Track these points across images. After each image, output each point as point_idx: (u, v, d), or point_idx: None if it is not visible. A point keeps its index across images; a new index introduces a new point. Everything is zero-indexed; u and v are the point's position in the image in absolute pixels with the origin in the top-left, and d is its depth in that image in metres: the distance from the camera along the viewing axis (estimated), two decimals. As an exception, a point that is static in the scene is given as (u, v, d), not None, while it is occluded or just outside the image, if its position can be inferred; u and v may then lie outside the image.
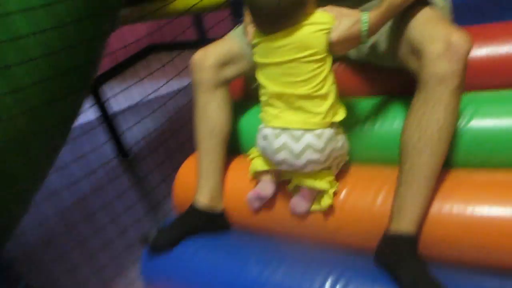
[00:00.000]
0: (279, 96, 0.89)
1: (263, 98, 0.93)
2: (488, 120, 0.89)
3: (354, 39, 0.84)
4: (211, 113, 1.03)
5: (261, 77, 0.92)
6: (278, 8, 0.80)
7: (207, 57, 1.01)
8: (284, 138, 0.88)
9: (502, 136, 0.87)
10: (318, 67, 0.85)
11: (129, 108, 2.26)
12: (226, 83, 1.04)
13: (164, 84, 1.80)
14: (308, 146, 0.87)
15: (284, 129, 0.88)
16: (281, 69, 0.87)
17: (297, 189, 0.96)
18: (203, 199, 1.04)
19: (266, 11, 0.81)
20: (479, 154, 0.90)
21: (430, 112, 0.78)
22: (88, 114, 1.60)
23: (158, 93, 1.96)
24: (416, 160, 0.80)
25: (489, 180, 0.86)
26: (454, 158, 0.90)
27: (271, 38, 0.85)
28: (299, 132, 0.87)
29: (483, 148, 0.89)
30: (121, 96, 1.78)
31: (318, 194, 0.94)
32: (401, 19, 0.86)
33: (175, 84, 1.95)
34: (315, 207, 0.94)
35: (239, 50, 1.02)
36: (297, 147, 0.87)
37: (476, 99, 0.93)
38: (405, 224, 0.80)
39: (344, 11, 0.85)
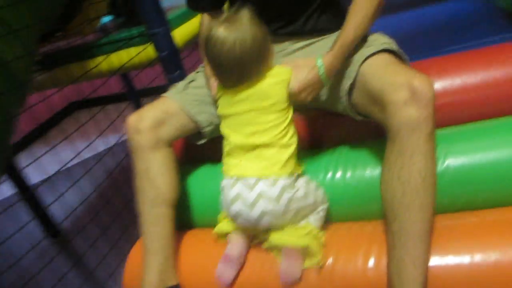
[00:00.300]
0: (241, 146, 0.86)
1: (225, 149, 0.90)
2: (463, 159, 0.84)
3: (315, 85, 0.85)
4: (153, 179, 0.93)
5: (224, 128, 0.91)
6: (240, 64, 0.81)
7: (142, 119, 0.94)
8: (238, 188, 0.84)
9: (482, 173, 0.82)
10: (280, 117, 0.85)
11: (54, 176, 1.96)
12: (167, 144, 0.96)
13: (87, 146, 1.57)
14: (260, 195, 0.82)
15: (239, 177, 0.84)
16: (243, 119, 0.86)
17: (278, 252, 0.86)
18: (152, 278, 0.90)
19: (229, 67, 0.82)
20: (460, 196, 0.84)
21: (409, 164, 0.73)
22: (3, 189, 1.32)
23: (88, 153, 1.72)
24: (406, 218, 0.73)
25: (481, 222, 0.79)
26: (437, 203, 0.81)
27: (233, 90, 0.86)
28: (253, 180, 0.83)
29: (464, 188, 0.83)
30: (42, 163, 1.51)
31: (304, 252, 0.84)
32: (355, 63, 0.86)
33: (111, 139, 1.73)
34: (306, 264, 0.84)
35: (177, 108, 0.97)
36: (251, 195, 0.82)
37: (444, 137, 0.88)
38: None
39: (299, 61, 0.88)
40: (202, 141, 1.02)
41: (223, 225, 0.92)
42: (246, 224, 0.86)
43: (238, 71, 0.82)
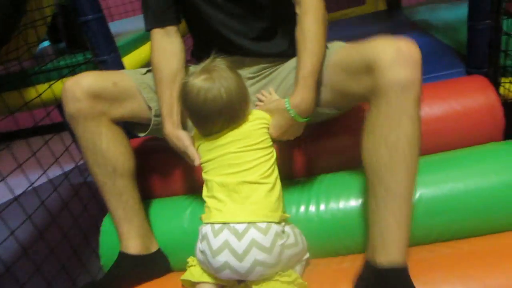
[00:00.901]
0: (224, 188, 0.80)
1: (206, 194, 0.84)
2: (435, 189, 0.85)
3: (292, 127, 0.84)
4: (105, 151, 0.89)
5: (205, 174, 0.85)
6: (226, 110, 0.79)
7: (83, 84, 0.87)
8: (225, 235, 0.75)
9: (453, 203, 0.83)
10: (266, 154, 0.82)
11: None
12: (113, 121, 0.91)
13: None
14: (253, 243, 0.74)
15: (225, 223, 0.76)
16: (226, 160, 0.81)
17: None
18: (133, 242, 0.92)
19: (215, 114, 0.79)
20: (434, 226, 0.84)
21: (397, 127, 0.71)
22: None
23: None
24: (391, 181, 0.72)
25: (457, 253, 0.79)
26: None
27: (214, 137, 0.83)
28: (242, 226, 0.75)
29: (438, 219, 0.84)
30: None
31: None
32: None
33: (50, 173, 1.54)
34: None
35: (132, 88, 0.93)
36: (241, 245, 0.74)
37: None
38: (394, 255, 0.72)
39: (271, 105, 0.86)
40: (144, 134, 0.97)
41: (194, 274, 0.83)
42: (233, 276, 0.76)
43: (224, 117, 0.80)
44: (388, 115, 0.72)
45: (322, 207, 0.89)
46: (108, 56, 1.27)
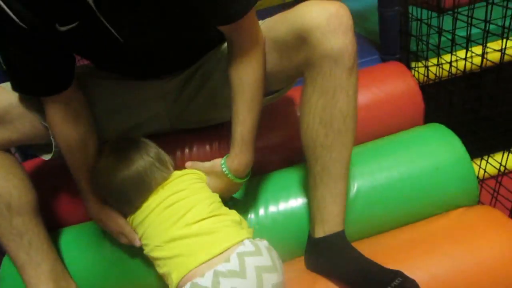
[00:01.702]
0: (180, 241, 0.69)
1: (156, 254, 0.71)
2: (371, 180, 0.84)
3: (231, 186, 0.80)
4: None
5: (146, 244, 0.74)
6: (144, 182, 0.73)
7: None
8: (222, 267, 0.63)
9: (391, 192, 0.83)
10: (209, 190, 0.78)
11: None
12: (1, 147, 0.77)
13: None
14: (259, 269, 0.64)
15: (210, 258, 0.65)
16: (168, 216, 0.71)
17: None
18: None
19: (138, 185, 0.73)
20: (374, 218, 0.83)
21: (331, 103, 0.69)
22: None
23: None
24: (328, 159, 0.72)
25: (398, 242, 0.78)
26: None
27: (143, 206, 0.75)
28: (230, 251, 0.65)
29: (376, 209, 0.83)
30: None
31: None
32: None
33: None
34: None
35: (21, 106, 0.76)
36: (240, 269, 0.63)
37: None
38: (330, 227, 0.74)
39: (206, 165, 0.80)
40: (49, 156, 0.83)
41: None
42: None
43: (158, 174, 0.74)
44: (322, 90, 0.69)
45: (273, 208, 0.84)
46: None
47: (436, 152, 0.85)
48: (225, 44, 0.82)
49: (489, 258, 0.71)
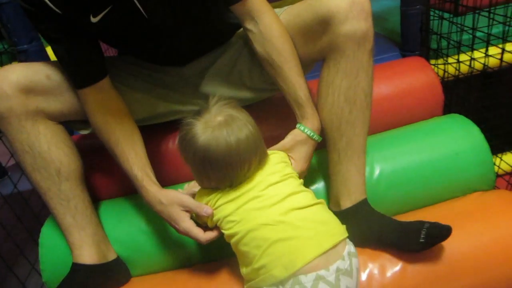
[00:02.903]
0: (276, 226, 0.65)
1: (254, 252, 0.65)
2: (393, 163, 0.89)
3: (312, 151, 0.82)
4: (46, 153, 0.79)
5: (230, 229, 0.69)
6: (256, 151, 0.69)
7: (7, 79, 0.75)
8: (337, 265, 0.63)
9: (412, 175, 0.87)
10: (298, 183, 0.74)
11: None
12: (51, 119, 0.81)
13: None
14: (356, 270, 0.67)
15: (321, 254, 0.63)
16: (258, 203, 0.67)
17: None
18: (88, 251, 0.81)
19: (243, 161, 0.68)
20: (395, 199, 0.87)
21: (354, 83, 0.76)
22: None
23: None
24: (352, 134, 0.78)
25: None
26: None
27: (236, 188, 0.70)
28: (346, 253, 0.66)
29: (398, 191, 0.87)
30: None
31: None
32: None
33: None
34: None
35: (66, 79, 0.80)
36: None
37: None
38: (356, 196, 0.79)
39: (285, 142, 0.80)
40: (87, 131, 0.88)
41: None
42: None
43: (259, 154, 0.70)
44: (346, 71, 0.75)
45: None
46: (28, 45, 1.11)
47: (456, 139, 0.90)
48: (242, 31, 0.86)
49: (507, 235, 0.75)
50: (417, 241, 0.71)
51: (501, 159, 1.13)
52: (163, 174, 0.85)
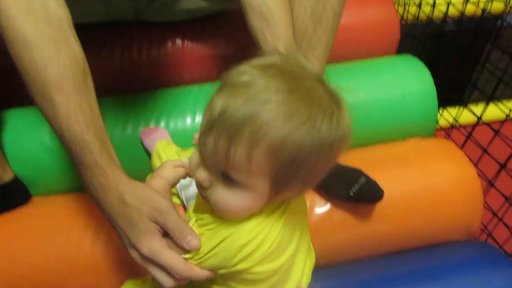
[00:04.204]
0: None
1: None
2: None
3: None
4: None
5: None
6: None
7: None
8: None
9: (356, 113, 0.80)
10: None
11: None
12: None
13: None
14: None
15: None
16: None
17: None
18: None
19: None
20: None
21: None
22: None
23: None
24: (311, 56, 0.68)
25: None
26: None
27: None
28: None
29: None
30: None
31: None
32: None
33: None
34: None
35: None
36: None
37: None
38: None
39: None
40: None
41: None
42: None
43: None
44: None
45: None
46: None
47: (405, 80, 0.84)
48: None
49: (438, 182, 0.73)
50: (346, 192, 0.67)
51: (441, 115, 1.10)
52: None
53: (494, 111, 1.00)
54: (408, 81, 0.84)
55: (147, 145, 0.76)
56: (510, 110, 0.82)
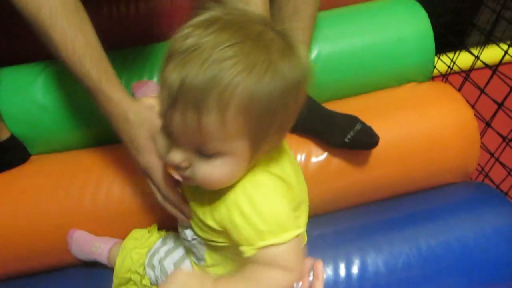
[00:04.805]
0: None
1: None
2: (332, 45, 0.80)
3: None
4: None
5: None
6: None
7: None
8: None
9: (351, 59, 0.80)
10: None
11: None
12: None
13: None
14: None
15: None
16: None
17: None
18: None
19: None
20: (331, 83, 0.81)
21: None
22: None
23: None
24: (296, 27, 0.69)
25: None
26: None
27: None
28: None
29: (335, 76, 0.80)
30: None
31: None
32: None
33: None
34: None
35: None
36: None
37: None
38: None
39: None
40: None
41: None
42: None
43: None
44: None
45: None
46: None
47: (400, 23, 0.81)
48: None
49: (433, 125, 0.73)
50: (341, 139, 0.67)
51: (439, 59, 1.08)
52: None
53: (494, 54, 0.97)
54: (404, 24, 0.81)
55: (138, 99, 0.75)
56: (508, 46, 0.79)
